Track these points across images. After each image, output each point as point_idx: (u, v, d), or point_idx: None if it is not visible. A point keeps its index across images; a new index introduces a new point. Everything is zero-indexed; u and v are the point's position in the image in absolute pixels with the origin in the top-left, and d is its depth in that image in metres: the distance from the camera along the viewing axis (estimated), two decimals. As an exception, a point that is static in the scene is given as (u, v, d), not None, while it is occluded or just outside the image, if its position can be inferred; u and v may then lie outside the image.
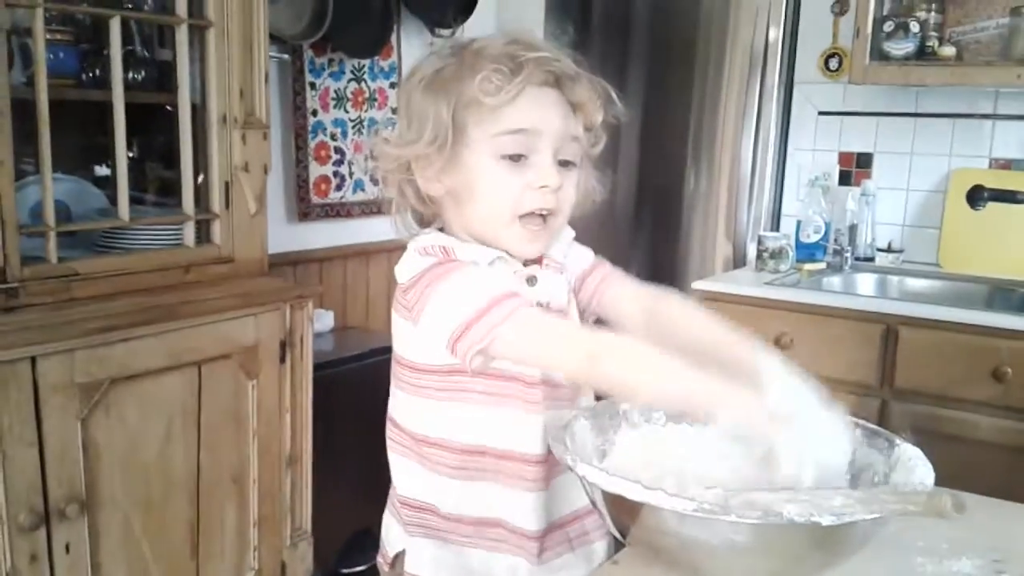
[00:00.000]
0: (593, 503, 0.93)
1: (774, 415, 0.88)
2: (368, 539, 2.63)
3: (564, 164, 1.07)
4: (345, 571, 2.56)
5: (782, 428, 0.87)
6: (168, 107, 2.24)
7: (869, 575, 0.94)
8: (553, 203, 1.06)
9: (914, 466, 0.94)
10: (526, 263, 1.10)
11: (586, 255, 1.20)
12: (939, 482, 0.88)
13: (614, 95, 1.09)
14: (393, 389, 1.15)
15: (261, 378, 2.14)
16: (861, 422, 1.00)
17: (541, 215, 1.06)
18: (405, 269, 1.07)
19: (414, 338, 1.07)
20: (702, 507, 0.82)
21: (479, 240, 1.08)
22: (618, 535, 0.93)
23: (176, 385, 1.96)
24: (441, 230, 1.12)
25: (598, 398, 1.11)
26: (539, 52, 1.03)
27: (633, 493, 0.85)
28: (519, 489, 1.09)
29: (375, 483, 2.64)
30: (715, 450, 0.96)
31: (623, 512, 0.90)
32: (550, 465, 1.09)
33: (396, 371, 1.13)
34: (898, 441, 0.98)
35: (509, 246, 1.08)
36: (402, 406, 1.14)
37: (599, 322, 1.18)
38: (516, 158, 1.03)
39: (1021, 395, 2.12)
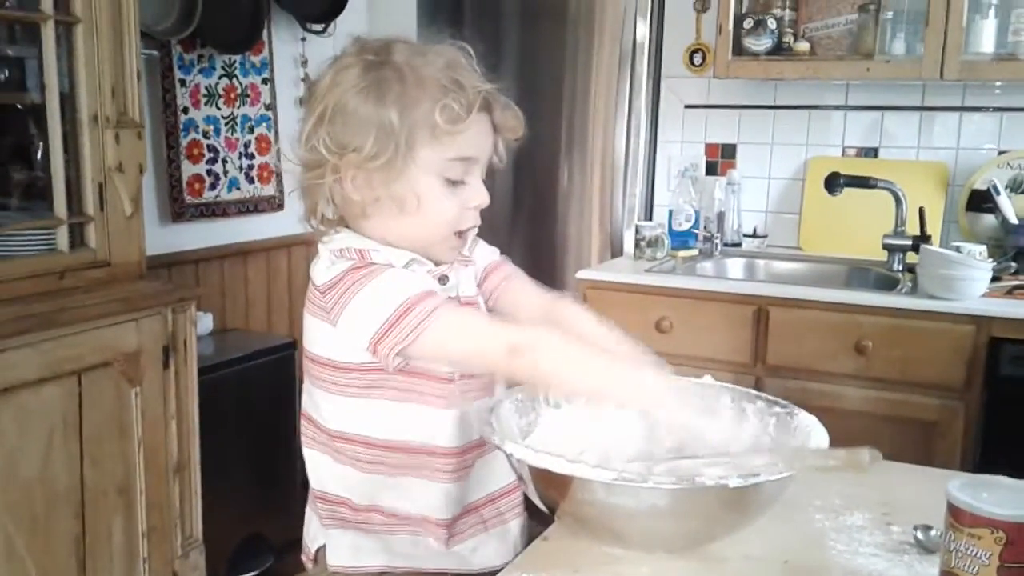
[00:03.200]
0: (520, 479, 0.96)
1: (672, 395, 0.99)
2: (260, 543, 2.61)
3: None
4: (238, 577, 2.52)
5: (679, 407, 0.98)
6: (19, 106, 2.15)
7: (775, 533, 1.01)
8: (479, 219, 1.14)
9: (810, 432, 1.02)
10: (437, 262, 1.13)
11: (492, 253, 1.26)
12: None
13: (523, 120, 1.14)
14: (307, 386, 1.15)
15: (144, 385, 2.07)
16: (762, 395, 1.08)
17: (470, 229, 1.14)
18: (321, 271, 1.08)
19: (331, 338, 1.08)
20: (622, 476, 0.87)
21: (398, 246, 1.10)
22: (546, 510, 0.96)
23: (55, 396, 1.88)
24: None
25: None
26: (478, 79, 1.08)
27: (558, 466, 0.89)
28: (432, 481, 1.11)
29: (264, 487, 2.62)
30: (631, 426, 1.01)
31: (550, 487, 0.94)
32: (464, 458, 1.13)
33: (310, 369, 1.13)
34: (795, 411, 1.05)
35: (438, 255, 1.12)
36: (317, 403, 1.14)
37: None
38: (455, 183, 1.09)
39: (882, 366, 2.28)
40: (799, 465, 0.87)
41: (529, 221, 3.18)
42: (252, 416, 2.65)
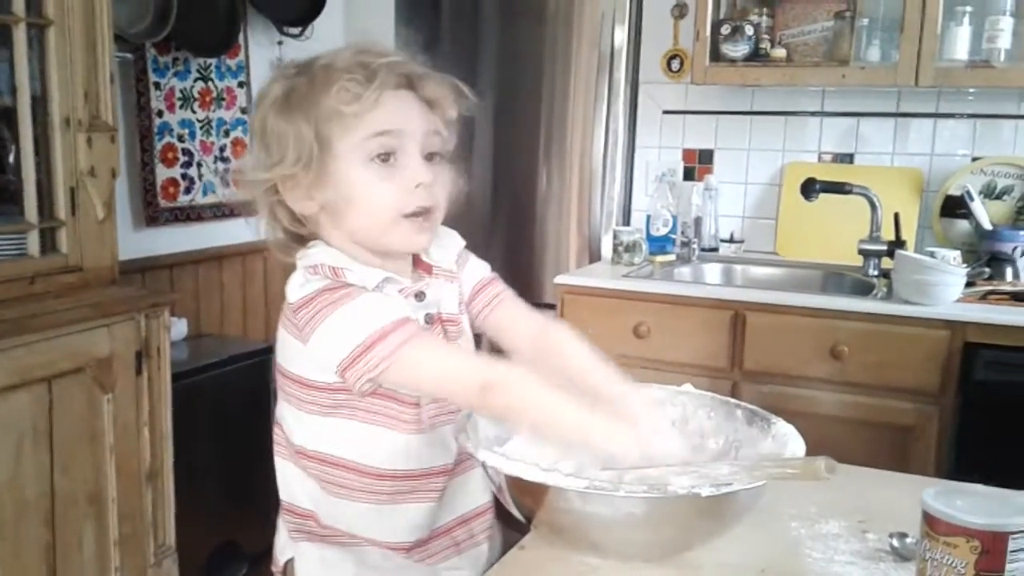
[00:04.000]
0: (498, 489, 0.95)
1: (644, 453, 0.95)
2: (234, 551, 2.58)
3: (430, 159, 1.09)
4: (212, 585, 2.49)
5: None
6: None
7: (752, 541, 1.01)
8: (430, 200, 1.08)
9: (787, 440, 1.02)
10: (413, 279, 1.11)
11: (481, 269, 1.22)
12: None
13: (464, 88, 1.12)
14: (279, 399, 1.14)
15: (117, 392, 2.05)
16: (743, 404, 1.08)
17: (422, 212, 1.08)
18: (295, 288, 1.06)
19: (301, 355, 1.06)
20: (594, 484, 0.87)
21: (363, 246, 1.08)
22: (523, 520, 0.96)
23: (25, 403, 1.85)
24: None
25: None
26: (389, 57, 1.06)
27: (530, 474, 0.89)
28: (397, 504, 1.10)
29: (238, 494, 2.59)
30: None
31: (525, 496, 0.94)
32: (428, 482, 1.11)
33: (281, 383, 1.12)
34: (773, 420, 1.05)
35: (397, 244, 1.09)
36: (286, 417, 1.13)
37: (478, 337, 1.21)
38: (385, 158, 1.05)
39: (857, 371, 2.29)
40: (758, 474, 0.87)
41: (507, 225, 3.18)
42: (227, 423, 2.62)
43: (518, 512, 0.97)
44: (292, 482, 1.14)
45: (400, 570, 1.12)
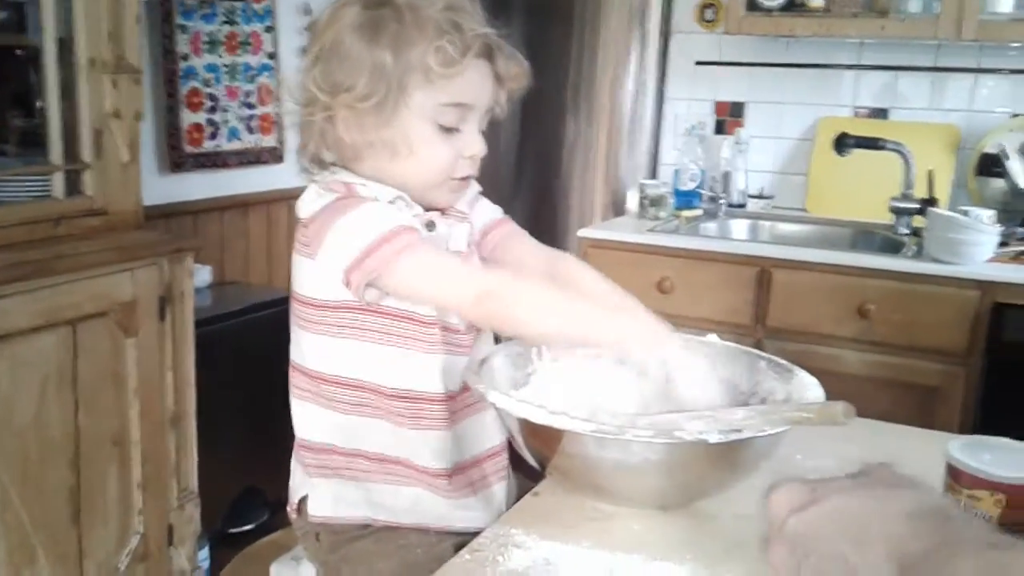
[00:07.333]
0: (510, 433, 0.95)
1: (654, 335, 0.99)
2: (256, 497, 2.61)
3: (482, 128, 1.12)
4: (233, 531, 2.52)
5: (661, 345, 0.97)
6: (19, 52, 2.12)
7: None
8: (475, 168, 1.11)
9: (808, 390, 1.00)
10: (427, 208, 1.11)
11: (493, 211, 1.23)
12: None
13: (529, 71, 1.12)
14: (293, 330, 1.14)
15: (140, 336, 2.06)
16: (764, 355, 1.06)
17: (466, 178, 1.12)
18: (306, 205, 1.07)
19: (312, 274, 1.07)
20: (600, 428, 0.86)
21: (393, 187, 1.08)
22: (537, 466, 0.95)
23: (50, 345, 1.87)
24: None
25: (497, 340, 1.13)
26: (478, 22, 1.06)
27: (538, 416, 0.88)
28: (419, 428, 1.09)
29: (260, 441, 2.61)
30: (628, 382, 0.99)
31: (538, 441, 0.93)
32: (453, 406, 1.11)
33: (295, 310, 1.12)
34: (796, 371, 1.03)
35: (435, 200, 1.11)
36: (302, 346, 1.13)
37: None
38: (450, 130, 1.07)
39: (884, 330, 2.26)
40: (775, 418, 0.86)
41: (533, 178, 3.14)
42: (250, 370, 2.63)
43: (531, 458, 0.96)
44: (310, 418, 1.14)
45: (411, 512, 1.12)
